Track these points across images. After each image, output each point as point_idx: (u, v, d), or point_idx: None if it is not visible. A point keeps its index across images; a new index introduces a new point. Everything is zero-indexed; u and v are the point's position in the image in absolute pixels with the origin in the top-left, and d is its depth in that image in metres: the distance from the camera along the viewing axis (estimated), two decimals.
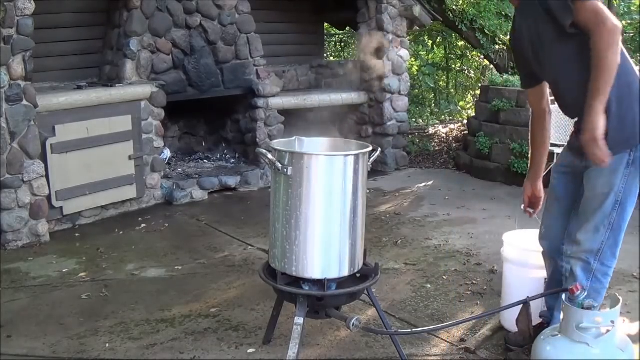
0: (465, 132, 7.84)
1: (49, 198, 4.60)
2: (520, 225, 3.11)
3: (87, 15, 5.68)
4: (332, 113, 6.89)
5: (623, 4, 9.15)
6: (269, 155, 2.52)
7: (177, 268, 4.03)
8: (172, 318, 3.25)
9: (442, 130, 9.50)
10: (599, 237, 2.39)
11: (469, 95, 12.29)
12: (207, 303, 3.45)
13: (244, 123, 6.52)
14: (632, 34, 8.28)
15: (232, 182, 6.03)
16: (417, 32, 9.68)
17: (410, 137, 8.23)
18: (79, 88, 5.10)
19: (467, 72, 12.49)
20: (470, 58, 12.07)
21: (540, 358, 2.32)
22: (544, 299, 2.78)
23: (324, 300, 2.56)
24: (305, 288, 2.57)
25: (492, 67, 10.26)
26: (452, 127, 9.75)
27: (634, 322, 3.11)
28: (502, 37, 9.74)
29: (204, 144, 6.93)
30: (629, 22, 8.79)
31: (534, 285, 2.83)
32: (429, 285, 3.71)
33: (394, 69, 7.05)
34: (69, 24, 5.58)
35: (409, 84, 7.43)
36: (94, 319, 3.23)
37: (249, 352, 2.88)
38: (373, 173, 4.98)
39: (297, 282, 2.58)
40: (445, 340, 2.99)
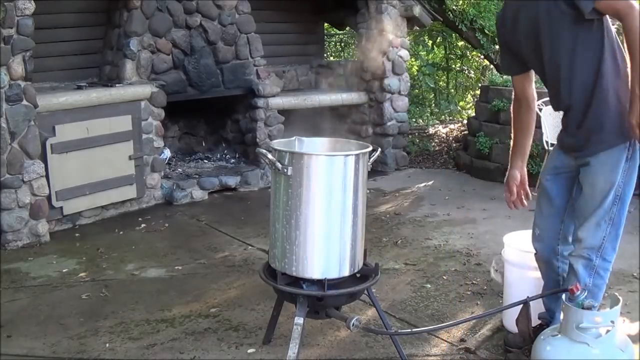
0: (465, 132, 7.84)
1: (49, 198, 4.60)
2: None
3: (87, 15, 5.68)
4: (332, 113, 6.90)
5: None
6: (269, 155, 2.52)
7: (177, 268, 4.03)
8: (172, 318, 3.25)
9: (442, 130, 9.49)
10: (600, 233, 2.41)
11: (469, 95, 12.28)
12: (207, 303, 3.45)
13: (244, 123, 6.52)
14: None
15: (232, 182, 6.03)
16: (417, 32, 9.67)
17: (410, 137, 8.23)
18: (79, 88, 5.09)
19: (467, 72, 12.48)
20: (470, 58, 12.06)
21: (540, 358, 2.32)
22: (542, 301, 2.78)
23: (324, 300, 2.56)
24: (305, 288, 2.57)
25: (492, 67, 10.25)
26: (452, 127, 9.75)
27: (634, 322, 3.11)
28: None
29: (204, 144, 6.93)
30: None
31: (534, 286, 2.83)
32: (429, 285, 3.71)
33: (394, 69, 7.04)
34: (69, 24, 5.58)
35: (409, 84, 7.43)
36: (94, 319, 3.23)
37: (249, 352, 2.88)
38: (373, 173, 4.97)
39: (297, 282, 2.58)
40: (445, 340, 2.99)
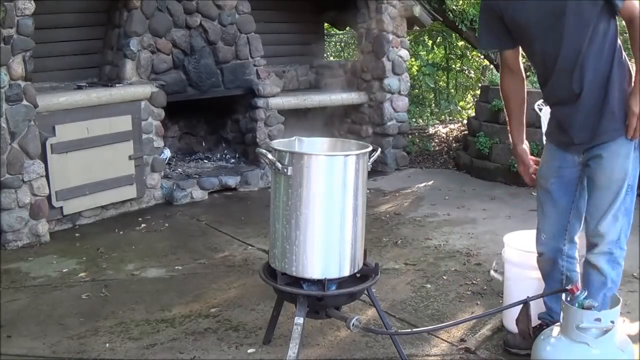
0: (465, 132, 7.84)
1: (49, 198, 4.60)
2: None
3: (87, 15, 5.67)
4: (332, 113, 6.90)
5: None
6: (269, 155, 2.52)
7: (177, 268, 4.03)
8: (172, 318, 3.25)
9: (442, 130, 9.49)
10: (618, 224, 2.43)
11: (469, 95, 12.29)
12: (207, 303, 3.45)
13: (244, 123, 6.52)
14: None
15: (232, 182, 6.03)
16: (417, 32, 9.68)
17: (410, 137, 8.23)
18: (79, 88, 5.09)
19: (467, 72, 12.49)
20: (470, 58, 12.06)
21: (540, 358, 2.32)
22: (543, 300, 2.78)
23: (324, 300, 2.56)
24: (305, 288, 2.57)
25: (492, 67, 10.25)
26: (452, 127, 9.75)
27: (634, 322, 3.11)
28: None
29: (204, 144, 6.93)
30: None
31: (534, 286, 2.83)
32: (429, 285, 3.71)
33: (394, 69, 7.04)
34: (69, 24, 5.58)
35: (409, 84, 7.43)
36: (94, 319, 3.23)
37: (249, 352, 2.88)
38: (373, 173, 4.97)
39: (297, 282, 2.58)
40: (445, 340, 2.99)
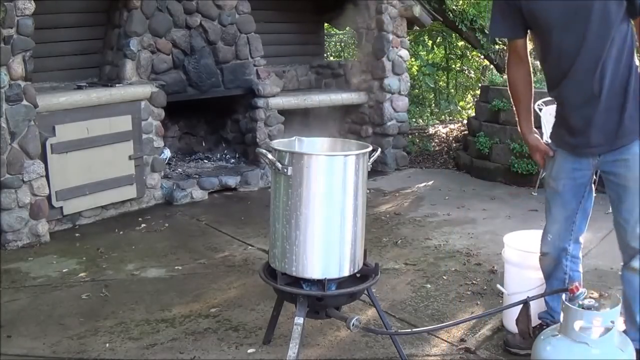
0: (465, 132, 7.84)
1: (49, 198, 4.60)
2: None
3: (87, 15, 5.68)
4: (332, 113, 6.89)
5: None
6: (269, 155, 2.52)
7: (177, 268, 4.03)
8: (172, 318, 3.25)
9: (442, 130, 9.49)
10: None
11: (469, 95, 12.29)
12: (207, 303, 3.45)
13: (244, 123, 6.52)
14: None
15: (232, 182, 6.03)
16: (417, 32, 9.68)
17: (410, 137, 8.23)
18: (79, 88, 5.09)
19: (467, 72, 12.49)
20: (470, 58, 12.07)
21: (540, 358, 2.32)
22: (545, 300, 2.78)
23: (324, 300, 2.56)
24: (306, 288, 2.57)
25: (492, 67, 10.26)
26: (452, 127, 9.75)
27: None
28: None
29: (204, 144, 6.93)
30: None
31: (534, 286, 2.83)
32: (429, 285, 3.71)
33: (394, 69, 7.04)
34: (69, 24, 5.58)
35: (409, 84, 7.43)
36: (94, 319, 3.23)
37: (249, 352, 2.88)
38: (373, 173, 4.97)
39: (297, 282, 2.58)
40: (445, 340, 2.99)
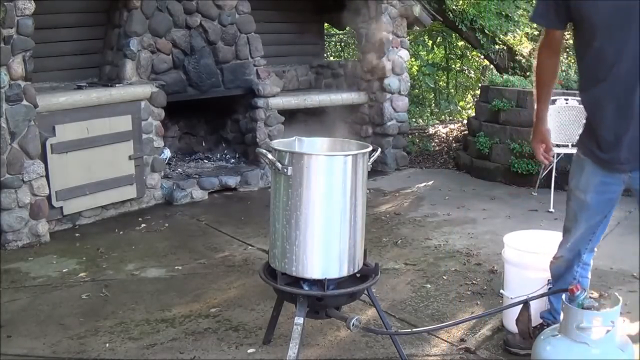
0: (465, 132, 7.84)
1: (49, 198, 4.60)
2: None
3: (87, 15, 5.68)
4: (331, 113, 6.89)
5: None
6: (269, 155, 2.52)
7: (177, 268, 4.03)
8: (172, 318, 3.25)
9: (442, 130, 9.49)
10: None
11: (469, 95, 12.29)
12: (207, 303, 3.45)
13: (244, 123, 6.52)
14: None
15: (232, 182, 6.03)
16: (417, 32, 9.68)
17: (410, 137, 8.23)
18: (79, 88, 5.09)
19: (467, 72, 12.49)
20: (470, 58, 12.06)
21: (540, 358, 2.32)
22: (548, 300, 2.77)
23: (324, 300, 2.56)
24: (306, 288, 2.57)
25: (492, 67, 10.26)
26: (452, 127, 9.75)
27: (634, 322, 3.11)
28: (502, 37, 9.74)
29: (204, 144, 6.93)
30: None
31: (534, 286, 2.83)
32: (429, 285, 3.71)
33: (394, 69, 7.04)
34: (69, 24, 5.58)
35: (409, 84, 7.43)
36: (94, 319, 3.23)
37: (249, 352, 2.88)
38: (373, 173, 4.97)
39: (297, 282, 2.58)
40: (445, 340, 2.99)
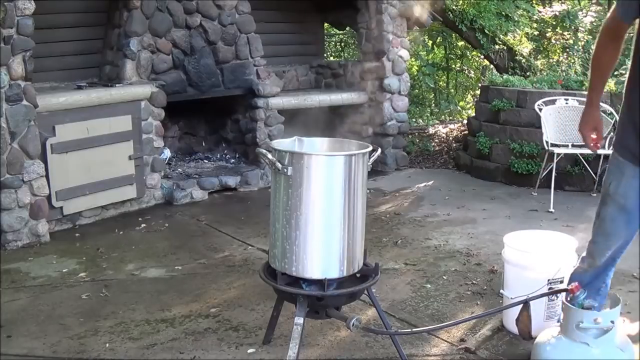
0: (465, 132, 7.84)
1: (49, 198, 4.60)
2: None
3: (87, 15, 5.67)
4: (332, 113, 6.89)
5: None
6: (269, 155, 2.52)
7: (177, 268, 4.03)
8: (172, 318, 3.25)
9: (442, 130, 9.49)
10: None
11: (469, 95, 12.29)
12: (207, 303, 3.45)
13: (244, 123, 6.51)
14: None
15: (232, 182, 6.03)
16: (417, 32, 9.68)
17: (410, 137, 8.23)
18: (79, 88, 5.09)
19: (467, 72, 12.49)
20: (470, 58, 12.06)
21: (540, 358, 2.33)
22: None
23: (324, 300, 2.56)
24: (305, 288, 2.57)
25: (492, 67, 10.26)
26: (452, 127, 9.75)
27: (634, 322, 3.11)
28: (502, 37, 9.74)
29: (204, 144, 6.93)
30: None
31: (534, 286, 2.83)
32: (429, 285, 3.71)
33: (394, 69, 7.04)
34: (69, 24, 5.57)
35: (409, 84, 7.43)
36: (94, 319, 3.23)
37: (249, 352, 2.88)
38: (373, 173, 4.97)
39: (297, 282, 2.58)
40: (445, 340, 2.99)
